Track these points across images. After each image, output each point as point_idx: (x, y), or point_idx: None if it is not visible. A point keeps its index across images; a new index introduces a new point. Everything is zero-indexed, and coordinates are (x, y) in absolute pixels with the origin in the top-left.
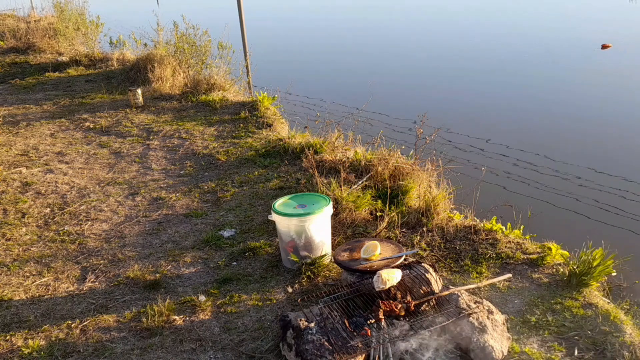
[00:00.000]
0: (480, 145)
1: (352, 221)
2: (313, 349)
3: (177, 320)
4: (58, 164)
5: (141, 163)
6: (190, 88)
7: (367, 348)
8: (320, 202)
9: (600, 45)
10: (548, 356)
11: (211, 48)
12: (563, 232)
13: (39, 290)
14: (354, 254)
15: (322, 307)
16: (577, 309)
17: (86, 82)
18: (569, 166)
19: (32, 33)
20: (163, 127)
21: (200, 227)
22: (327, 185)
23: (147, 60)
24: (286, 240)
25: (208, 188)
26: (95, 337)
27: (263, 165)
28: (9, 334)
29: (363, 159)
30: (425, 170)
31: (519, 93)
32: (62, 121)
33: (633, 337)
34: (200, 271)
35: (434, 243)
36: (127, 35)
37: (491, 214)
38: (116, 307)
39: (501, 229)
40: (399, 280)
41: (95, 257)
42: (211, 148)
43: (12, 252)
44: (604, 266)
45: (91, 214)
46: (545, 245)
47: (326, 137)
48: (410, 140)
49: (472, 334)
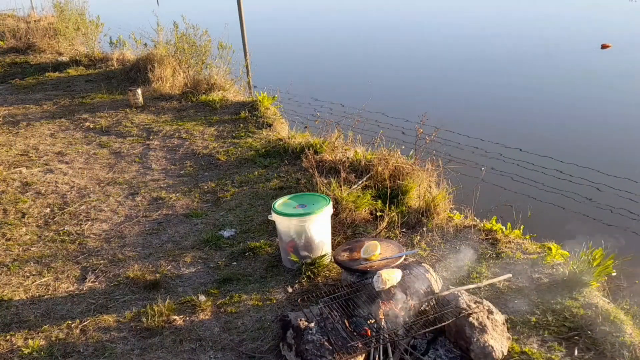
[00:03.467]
0: (480, 145)
1: (352, 221)
2: (313, 349)
3: (177, 320)
4: (58, 164)
5: (141, 163)
6: (190, 88)
7: (367, 348)
8: (320, 202)
9: (600, 45)
10: (548, 356)
11: (211, 48)
12: (563, 232)
13: (39, 290)
14: (354, 254)
15: (322, 307)
16: (577, 309)
17: (86, 82)
18: (569, 166)
19: (32, 33)
20: (163, 127)
21: (200, 227)
22: (327, 185)
23: (147, 60)
24: (286, 240)
25: (208, 188)
26: (95, 337)
27: (263, 165)
28: (9, 334)
29: (363, 159)
30: (425, 170)
31: (519, 93)
32: (62, 121)
33: (633, 337)
34: (200, 271)
35: (434, 243)
36: (127, 35)
37: (491, 214)
38: (116, 307)
39: (501, 229)
40: (399, 280)
41: (95, 257)
42: (211, 148)
43: (12, 252)
44: (604, 266)
45: (91, 214)
46: (545, 245)
47: (326, 137)
48: (410, 140)
49: (472, 334)
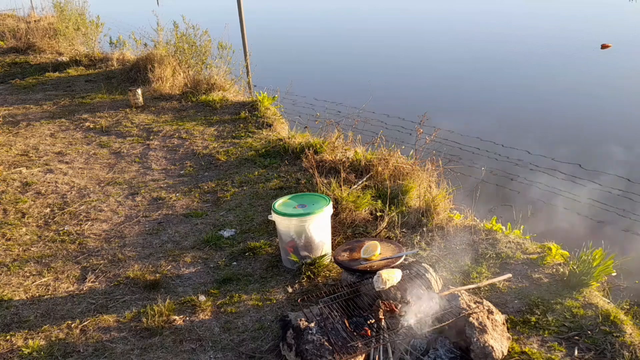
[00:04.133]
0: (480, 145)
1: (352, 221)
2: (313, 349)
3: (177, 320)
4: (58, 164)
5: (141, 163)
6: (190, 88)
7: (367, 348)
8: (320, 202)
9: (600, 45)
10: (548, 356)
11: (211, 48)
12: (563, 232)
13: (39, 290)
14: (354, 254)
15: (322, 307)
16: (577, 309)
17: (86, 82)
18: (569, 166)
19: (32, 33)
20: (163, 127)
21: (200, 227)
22: (327, 185)
23: (147, 60)
24: (286, 240)
25: (208, 188)
26: (95, 337)
27: (263, 165)
28: (9, 334)
29: (363, 159)
30: (425, 170)
31: (519, 93)
32: (62, 121)
33: (633, 337)
34: (200, 271)
35: (434, 243)
36: (127, 35)
37: (491, 214)
38: (116, 307)
39: (501, 229)
40: (399, 280)
41: (95, 257)
42: (211, 148)
43: (12, 252)
44: (604, 266)
45: (91, 214)
46: (545, 245)
47: (326, 137)
48: (410, 140)
49: (472, 334)
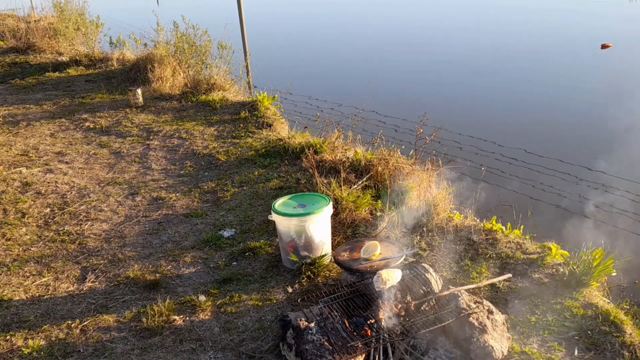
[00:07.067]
0: (480, 145)
1: (352, 221)
2: (313, 349)
3: (177, 320)
4: (58, 164)
5: (141, 163)
6: (190, 88)
7: (367, 348)
8: (320, 202)
9: (600, 45)
10: (548, 356)
11: (211, 48)
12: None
13: (39, 290)
14: (354, 254)
15: (322, 307)
16: (577, 309)
17: (86, 82)
18: (569, 166)
19: (32, 33)
20: (163, 127)
21: (200, 227)
22: (327, 185)
23: (147, 60)
24: (286, 240)
25: (208, 188)
26: (95, 337)
27: (263, 165)
28: (9, 334)
29: (363, 159)
30: (425, 170)
31: (519, 93)
32: (62, 121)
33: (633, 337)
34: (200, 271)
35: (434, 243)
36: (127, 35)
37: (491, 214)
38: (116, 307)
39: (501, 229)
40: (399, 280)
41: (95, 257)
42: (211, 148)
43: (12, 252)
44: (604, 266)
45: (91, 214)
46: (545, 245)
47: (326, 137)
48: (410, 140)
49: (472, 334)
